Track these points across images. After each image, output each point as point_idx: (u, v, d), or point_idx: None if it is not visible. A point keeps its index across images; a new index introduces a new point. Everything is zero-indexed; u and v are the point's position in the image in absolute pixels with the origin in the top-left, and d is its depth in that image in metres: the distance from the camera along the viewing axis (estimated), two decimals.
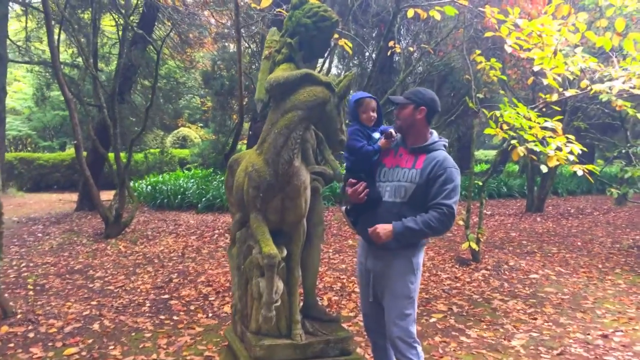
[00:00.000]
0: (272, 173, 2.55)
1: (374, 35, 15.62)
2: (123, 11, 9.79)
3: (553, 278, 6.74)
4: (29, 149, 24.73)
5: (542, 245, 8.95)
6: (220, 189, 12.99)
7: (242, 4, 9.91)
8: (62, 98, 10.83)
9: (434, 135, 3.01)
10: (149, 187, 14.44)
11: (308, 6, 2.86)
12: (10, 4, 16.03)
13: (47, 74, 14.44)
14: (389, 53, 8.10)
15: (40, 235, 9.91)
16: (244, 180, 2.69)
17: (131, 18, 12.60)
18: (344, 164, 3.12)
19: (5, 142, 16.78)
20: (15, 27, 15.73)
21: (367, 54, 16.58)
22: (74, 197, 14.88)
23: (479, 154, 26.43)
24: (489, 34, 5.76)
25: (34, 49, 14.75)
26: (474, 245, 6.98)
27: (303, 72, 2.52)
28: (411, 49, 7.80)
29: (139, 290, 6.10)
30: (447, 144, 3.02)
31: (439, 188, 2.74)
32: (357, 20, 12.24)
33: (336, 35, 4.95)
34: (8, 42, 15.77)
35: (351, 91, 4.63)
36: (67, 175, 19.62)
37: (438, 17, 5.58)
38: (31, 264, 7.47)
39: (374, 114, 3.06)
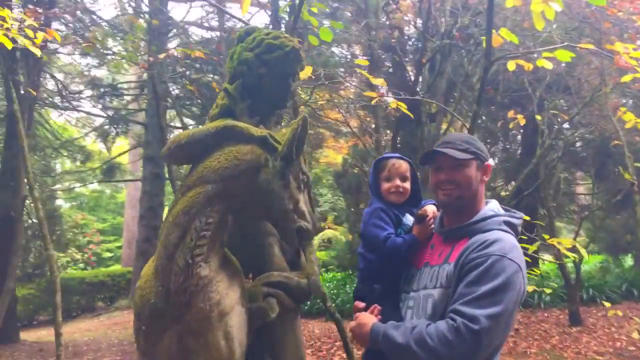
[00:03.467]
0: (160, 290, 1.58)
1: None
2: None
3: None
4: None
5: None
6: (351, 293, 12.00)
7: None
8: None
9: (490, 205, 1.81)
10: None
11: (254, 35, 2.00)
12: None
13: None
14: (510, 125, 6.80)
15: None
16: None
17: None
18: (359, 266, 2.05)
19: None
20: None
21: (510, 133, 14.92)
22: None
23: None
24: (627, 78, 4.33)
25: None
26: None
27: (221, 124, 1.64)
28: (538, 117, 6.41)
29: None
30: (516, 222, 1.77)
31: (465, 287, 1.60)
32: (486, 98, 11.07)
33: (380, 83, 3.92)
34: None
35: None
36: None
37: (549, 66, 4.34)
38: None
39: (405, 185, 1.97)
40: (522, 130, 13.68)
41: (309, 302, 12.17)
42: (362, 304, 1.83)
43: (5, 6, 5.82)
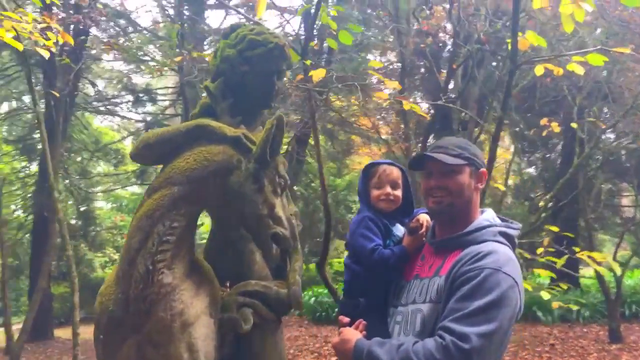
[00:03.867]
0: (119, 298, 1.50)
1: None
2: None
3: None
4: None
5: None
6: None
7: None
8: None
9: (486, 215, 1.69)
10: (312, 299, 14.03)
11: (237, 31, 1.91)
12: None
13: None
14: (544, 133, 6.54)
15: None
16: None
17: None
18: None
19: None
20: None
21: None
22: None
23: None
24: None
25: None
26: None
27: (192, 123, 1.59)
28: (574, 125, 6.11)
29: None
30: (512, 233, 1.65)
31: (456, 302, 1.48)
32: (522, 106, 10.75)
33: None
34: None
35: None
36: None
37: (580, 70, 4.12)
38: None
39: (396, 192, 1.86)
40: (562, 138, 13.20)
41: (335, 309, 12.07)
42: (346, 319, 1.72)
43: (47, 12, 5.99)
